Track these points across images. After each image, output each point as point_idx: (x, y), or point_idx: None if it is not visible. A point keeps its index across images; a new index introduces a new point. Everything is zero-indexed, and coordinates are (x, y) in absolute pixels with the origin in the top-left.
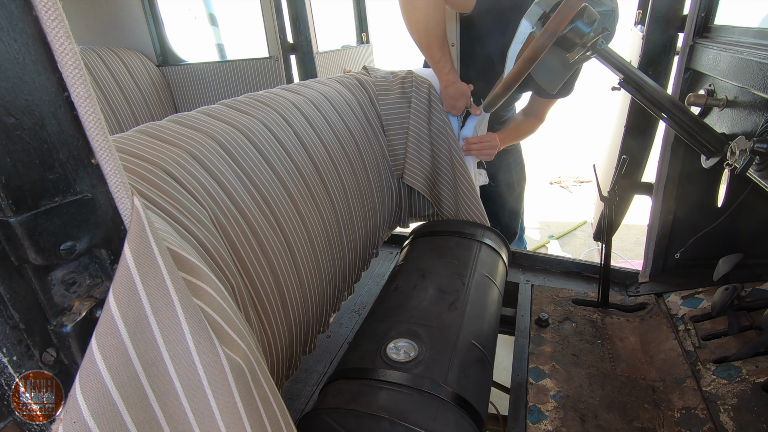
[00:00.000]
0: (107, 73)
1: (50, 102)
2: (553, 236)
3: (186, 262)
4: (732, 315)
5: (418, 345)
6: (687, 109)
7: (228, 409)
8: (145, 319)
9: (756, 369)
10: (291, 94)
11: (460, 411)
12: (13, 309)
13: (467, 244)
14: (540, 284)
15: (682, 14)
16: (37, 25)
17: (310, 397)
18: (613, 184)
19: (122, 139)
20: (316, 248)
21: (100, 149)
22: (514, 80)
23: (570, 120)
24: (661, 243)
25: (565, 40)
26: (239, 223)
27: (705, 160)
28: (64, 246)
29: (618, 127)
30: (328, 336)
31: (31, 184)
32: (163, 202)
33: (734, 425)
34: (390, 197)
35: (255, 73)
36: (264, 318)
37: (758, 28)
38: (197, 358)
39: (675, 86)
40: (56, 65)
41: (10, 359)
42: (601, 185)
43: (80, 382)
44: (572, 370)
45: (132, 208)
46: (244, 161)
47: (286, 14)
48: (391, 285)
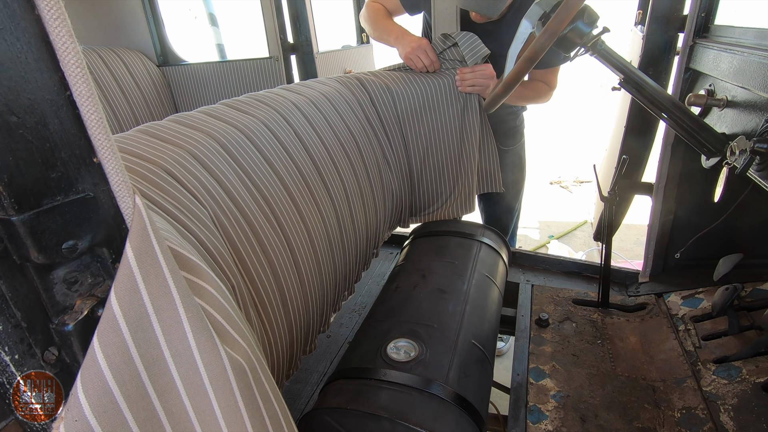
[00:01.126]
0: (107, 73)
1: (52, 101)
2: (553, 236)
3: (187, 261)
4: (732, 315)
5: (418, 345)
6: (687, 109)
7: (229, 407)
8: (146, 317)
9: (756, 369)
10: (291, 94)
11: (460, 411)
12: (15, 307)
13: (467, 244)
14: (540, 284)
15: (682, 14)
16: (40, 24)
17: (310, 397)
18: (613, 184)
19: (123, 139)
20: (317, 248)
21: (102, 148)
22: (514, 80)
23: (570, 120)
24: (661, 243)
25: (565, 40)
26: (240, 222)
27: (705, 160)
28: (66, 245)
29: (618, 127)
30: (329, 336)
31: (33, 182)
32: (164, 202)
33: (734, 425)
34: (390, 197)
35: (255, 73)
36: (264, 318)
37: (758, 29)
38: (198, 357)
39: (675, 86)
40: (58, 64)
41: (11, 358)
42: (601, 185)
43: (82, 380)
44: (572, 370)
45: (134, 207)
46: (244, 161)
47: (287, 14)
48: (391, 285)
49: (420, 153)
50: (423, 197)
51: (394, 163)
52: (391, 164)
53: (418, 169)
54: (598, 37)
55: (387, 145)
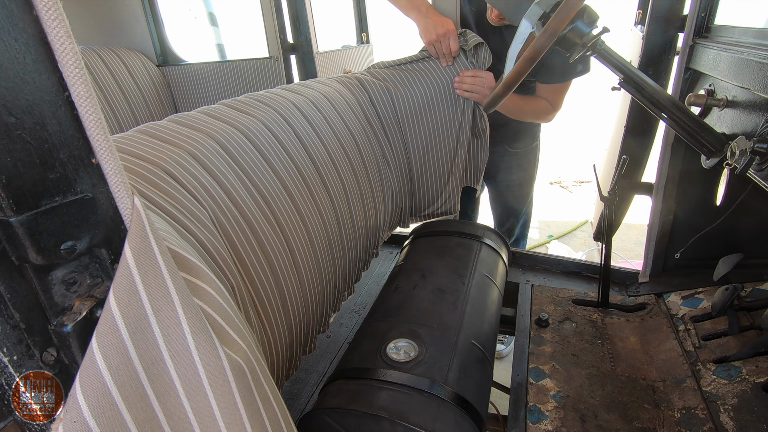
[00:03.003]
0: (107, 73)
1: (51, 101)
2: (553, 236)
3: (186, 262)
4: (732, 315)
5: (418, 345)
6: (687, 109)
7: (228, 408)
8: (145, 318)
9: (756, 369)
10: (291, 94)
11: (460, 411)
12: (14, 308)
13: (467, 244)
14: (540, 284)
15: (682, 14)
16: (38, 24)
17: (310, 397)
18: (613, 184)
19: (122, 139)
20: (316, 248)
21: (101, 149)
22: (514, 80)
23: (570, 120)
24: (661, 243)
25: (565, 40)
26: (239, 223)
27: (705, 160)
28: (65, 245)
29: (618, 127)
30: (328, 336)
31: (31, 183)
32: (163, 202)
33: (734, 425)
34: (390, 197)
35: (255, 73)
36: (264, 318)
37: (758, 28)
38: (197, 358)
39: (675, 86)
40: (57, 65)
41: (10, 359)
42: (601, 185)
43: (80, 381)
44: (572, 370)
45: (132, 208)
46: (244, 161)
47: (287, 14)
48: (391, 285)
49: (420, 153)
50: (423, 197)
51: (394, 163)
52: (391, 164)
53: (418, 169)
54: (598, 37)
55: (387, 145)
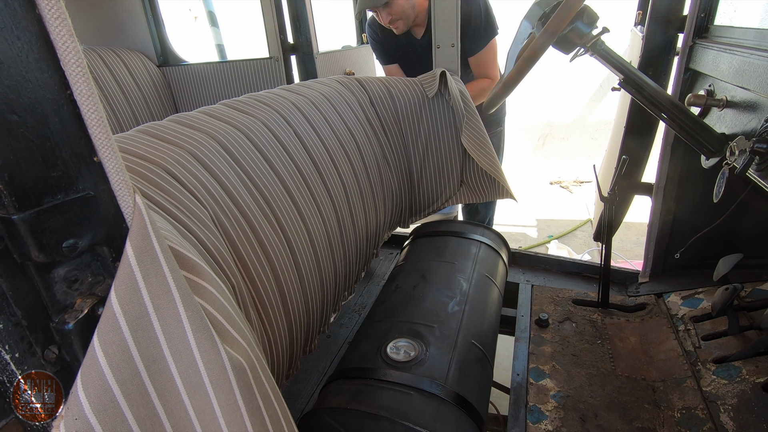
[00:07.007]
0: (108, 73)
1: (53, 100)
2: (553, 236)
3: (187, 260)
4: (732, 315)
5: (418, 345)
6: (687, 109)
7: (229, 406)
8: (146, 316)
9: (756, 369)
10: (291, 95)
11: (460, 411)
12: (16, 306)
13: (467, 244)
14: (540, 284)
15: (682, 15)
16: (40, 23)
17: (310, 397)
18: (613, 185)
19: (123, 139)
20: (317, 248)
21: (102, 147)
22: (514, 80)
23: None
24: (661, 243)
25: (565, 40)
26: (240, 222)
27: (705, 160)
28: (67, 243)
29: (618, 127)
30: (329, 336)
31: (34, 181)
32: (164, 202)
33: (734, 425)
34: (390, 197)
35: (255, 73)
36: (264, 318)
37: (758, 29)
38: (198, 356)
39: (675, 86)
40: (59, 63)
41: (12, 356)
42: (601, 185)
43: (82, 379)
44: (572, 370)
45: (134, 206)
46: (244, 161)
47: (287, 14)
48: (391, 285)
49: (420, 153)
50: (423, 197)
51: (394, 163)
52: (391, 164)
53: (418, 169)
54: (597, 38)
55: (387, 145)
